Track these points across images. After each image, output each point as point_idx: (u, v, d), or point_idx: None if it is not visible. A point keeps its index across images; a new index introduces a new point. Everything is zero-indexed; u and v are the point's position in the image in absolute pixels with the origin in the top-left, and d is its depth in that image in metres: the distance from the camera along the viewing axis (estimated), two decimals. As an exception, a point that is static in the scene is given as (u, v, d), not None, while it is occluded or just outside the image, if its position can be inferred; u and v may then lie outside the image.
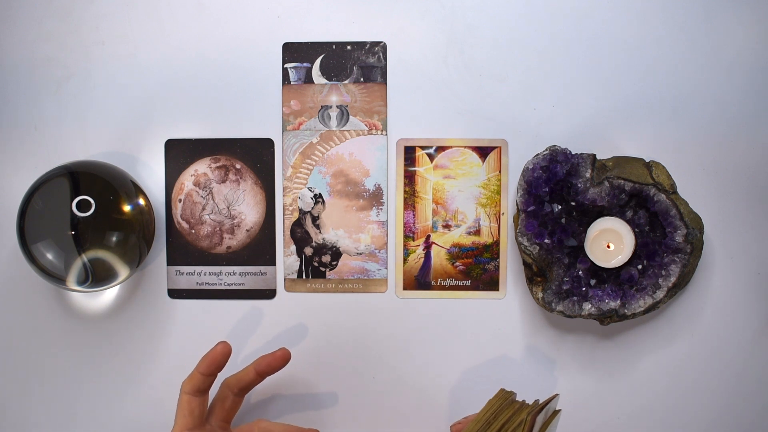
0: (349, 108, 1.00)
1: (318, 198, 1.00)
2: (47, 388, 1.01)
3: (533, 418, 0.84)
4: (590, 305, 0.95)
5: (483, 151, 1.00)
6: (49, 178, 0.93)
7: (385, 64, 0.99)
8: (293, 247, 1.00)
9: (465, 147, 1.00)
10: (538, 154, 0.96)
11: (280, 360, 0.91)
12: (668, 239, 0.94)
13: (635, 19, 0.98)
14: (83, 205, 0.91)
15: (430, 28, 0.99)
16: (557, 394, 0.92)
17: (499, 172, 1.00)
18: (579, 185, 0.95)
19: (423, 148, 1.00)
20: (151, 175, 1.00)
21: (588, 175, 0.95)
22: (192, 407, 0.90)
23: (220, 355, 0.90)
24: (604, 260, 0.95)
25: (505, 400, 0.89)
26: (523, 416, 0.85)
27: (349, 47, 1.00)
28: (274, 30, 1.00)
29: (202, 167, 1.00)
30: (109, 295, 1.01)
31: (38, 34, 1.00)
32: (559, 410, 0.92)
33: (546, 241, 0.95)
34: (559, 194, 0.96)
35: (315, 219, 1.00)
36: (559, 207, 0.96)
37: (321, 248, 1.00)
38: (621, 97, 0.99)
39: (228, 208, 1.00)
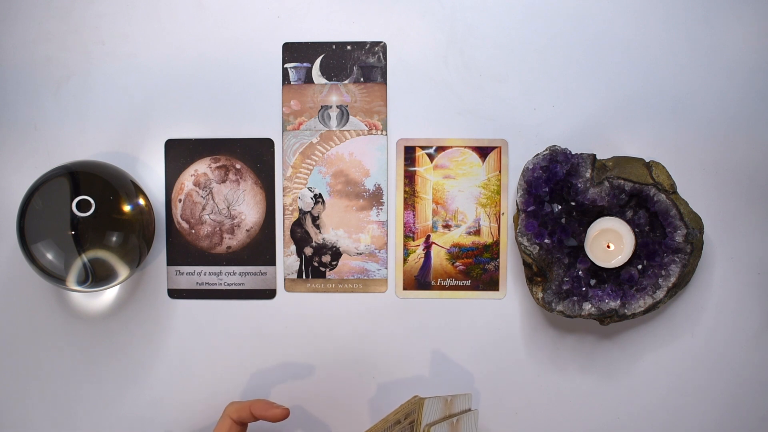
0: (349, 108, 1.00)
1: (318, 198, 1.00)
2: (47, 388, 1.01)
3: (422, 400, 0.85)
4: (590, 305, 0.95)
5: (483, 151, 1.00)
6: (49, 178, 0.93)
7: (385, 64, 0.99)
8: (293, 247, 1.00)
9: (465, 147, 1.00)
10: (538, 154, 0.96)
11: (279, 416, 0.91)
12: (668, 239, 0.94)
13: (635, 19, 0.98)
14: (83, 205, 0.91)
15: (430, 28, 0.99)
16: (469, 393, 0.93)
17: (499, 172, 1.00)
18: (579, 185, 0.95)
19: (423, 148, 1.00)
20: (151, 175, 1.00)
21: (588, 175, 0.95)
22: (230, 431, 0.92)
23: (277, 417, 0.91)
24: (604, 260, 0.95)
25: (417, 404, 0.90)
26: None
27: (349, 47, 0.99)
28: (274, 30, 1.00)
29: (202, 167, 1.00)
30: (109, 295, 1.01)
31: (38, 34, 1.00)
32: (474, 410, 0.92)
33: (546, 241, 0.95)
34: (559, 194, 0.96)
35: (315, 219, 1.00)
36: (559, 207, 0.96)
37: (321, 248, 1.00)
38: (621, 97, 0.99)
39: (228, 208, 1.00)
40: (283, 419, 0.91)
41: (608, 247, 0.95)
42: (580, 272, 0.96)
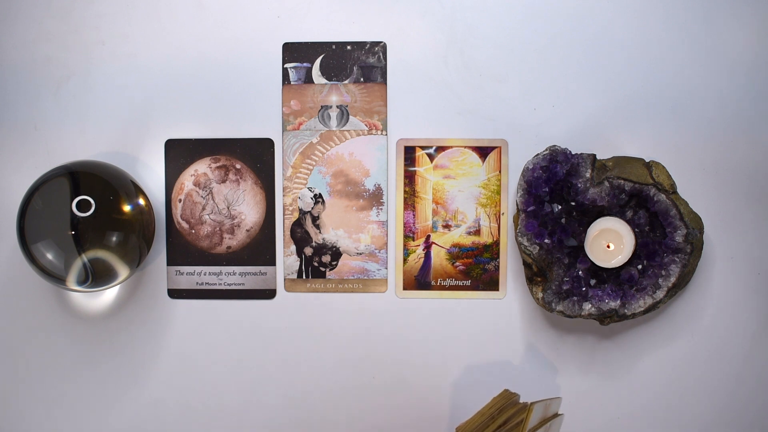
0: (349, 108, 1.00)
1: (318, 198, 1.00)
2: (47, 388, 1.01)
3: (532, 404, 0.86)
4: (590, 305, 0.95)
5: (483, 151, 1.00)
6: (49, 178, 0.93)
7: (385, 64, 0.99)
8: (293, 247, 1.00)
9: (465, 147, 1.00)
10: (538, 154, 0.96)
11: None
12: (668, 239, 0.94)
13: (635, 19, 0.98)
14: (83, 205, 0.91)
15: (430, 28, 0.99)
16: (560, 397, 0.93)
17: (499, 172, 1.00)
18: (579, 185, 0.95)
19: (423, 148, 1.00)
20: (151, 175, 1.00)
21: (588, 175, 0.95)
22: None
23: None
24: (604, 260, 0.95)
25: (508, 399, 0.90)
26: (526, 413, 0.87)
27: (349, 47, 1.00)
28: (274, 30, 1.00)
29: (202, 167, 1.00)
30: (109, 295, 1.01)
31: (38, 34, 1.00)
32: (561, 414, 0.92)
33: (546, 241, 0.95)
34: (559, 194, 0.96)
35: (315, 219, 1.00)
36: (559, 207, 0.96)
37: (321, 248, 1.00)
38: (621, 97, 0.99)
39: (228, 208, 1.00)
40: None
41: (608, 247, 0.95)
42: (580, 272, 0.96)
